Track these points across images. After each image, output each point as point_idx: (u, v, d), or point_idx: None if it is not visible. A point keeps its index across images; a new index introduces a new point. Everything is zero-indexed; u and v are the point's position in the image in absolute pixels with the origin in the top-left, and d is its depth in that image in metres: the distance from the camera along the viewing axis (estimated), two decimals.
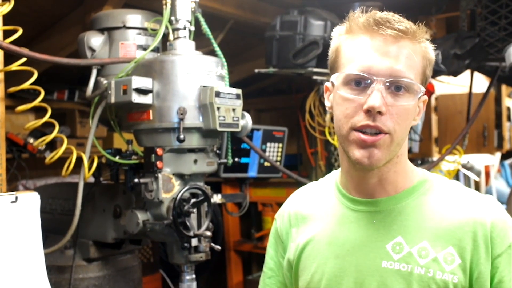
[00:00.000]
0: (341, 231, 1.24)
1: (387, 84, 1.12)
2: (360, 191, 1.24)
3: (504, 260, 1.12)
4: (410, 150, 3.73)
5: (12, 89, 1.77)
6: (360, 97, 1.13)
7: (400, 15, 1.17)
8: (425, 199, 1.21)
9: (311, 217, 1.32)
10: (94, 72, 2.03)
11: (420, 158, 4.06)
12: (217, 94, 1.87)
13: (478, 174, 5.78)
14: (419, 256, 1.15)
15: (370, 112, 1.11)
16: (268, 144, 3.29)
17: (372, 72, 1.12)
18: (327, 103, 1.25)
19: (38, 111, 3.25)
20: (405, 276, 1.14)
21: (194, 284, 1.98)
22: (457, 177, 5.07)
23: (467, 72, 3.07)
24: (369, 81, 1.12)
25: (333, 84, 1.21)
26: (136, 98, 1.84)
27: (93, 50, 2.06)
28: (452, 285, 1.12)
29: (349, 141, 1.15)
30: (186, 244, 1.88)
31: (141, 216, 1.92)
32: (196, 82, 1.89)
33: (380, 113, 1.11)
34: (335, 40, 1.22)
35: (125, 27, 2.05)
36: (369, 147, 1.13)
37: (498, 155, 5.60)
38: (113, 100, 1.89)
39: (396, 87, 1.13)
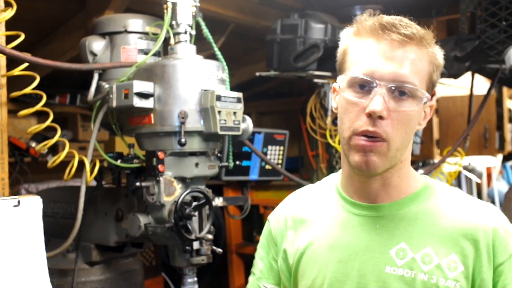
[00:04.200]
0: (343, 235, 1.23)
1: (392, 88, 1.11)
2: (362, 195, 1.23)
3: (506, 268, 1.12)
4: (411, 153, 3.73)
5: (15, 94, 1.78)
6: (363, 100, 1.12)
7: (410, 18, 1.17)
8: (428, 205, 1.21)
9: (310, 221, 1.31)
10: (96, 77, 2.04)
11: (422, 160, 4.06)
12: (218, 98, 1.88)
13: (479, 176, 5.78)
14: (422, 262, 1.14)
15: (372, 116, 1.11)
16: (270, 147, 3.30)
17: (376, 76, 1.11)
18: (333, 104, 1.24)
19: (40, 115, 3.26)
20: (408, 282, 1.14)
21: (196, 287, 1.99)
22: (458, 179, 5.07)
23: (468, 74, 3.08)
24: (373, 84, 1.12)
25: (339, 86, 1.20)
26: (138, 102, 1.85)
27: (94, 55, 2.07)
28: None
29: (350, 146, 1.15)
30: (187, 247, 1.89)
31: (143, 219, 1.93)
32: (197, 86, 1.90)
33: (381, 117, 1.10)
34: (343, 42, 1.21)
35: (126, 31, 2.06)
36: (367, 153, 1.13)
37: (499, 156, 5.59)
38: (114, 104, 1.90)
39: (400, 92, 1.12)
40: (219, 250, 1.96)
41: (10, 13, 1.65)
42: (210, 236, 1.92)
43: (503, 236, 1.14)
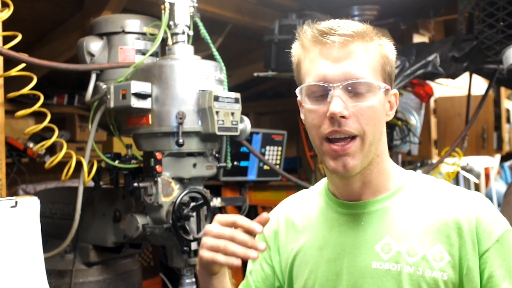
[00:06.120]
0: (332, 234, 1.25)
1: (349, 88, 1.14)
2: (346, 195, 1.26)
3: (492, 255, 1.13)
4: (409, 153, 3.74)
5: (12, 94, 1.78)
6: (322, 105, 1.16)
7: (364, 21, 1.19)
8: (411, 199, 1.22)
9: (302, 225, 1.33)
10: (93, 77, 2.04)
11: (420, 160, 4.07)
12: (216, 98, 1.88)
13: (477, 176, 5.78)
14: (407, 255, 1.16)
15: (334, 119, 1.13)
16: (268, 148, 3.29)
17: (328, 79, 1.15)
18: (302, 116, 1.28)
19: (38, 116, 3.25)
20: (395, 275, 1.15)
21: (194, 287, 1.99)
22: (456, 179, 5.07)
23: (466, 74, 3.08)
24: (328, 88, 1.15)
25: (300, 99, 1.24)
26: (135, 103, 1.85)
27: (92, 55, 2.07)
28: (442, 282, 1.12)
29: (323, 152, 1.18)
30: (185, 248, 1.89)
31: (141, 220, 1.93)
32: (195, 86, 1.90)
33: (344, 117, 1.13)
34: (294, 58, 1.26)
35: (124, 32, 2.06)
36: (341, 156, 1.15)
37: (497, 157, 5.61)
38: (112, 104, 1.90)
39: (356, 89, 1.15)
40: None
41: (7, 13, 1.65)
42: None
43: (487, 223, 1.14)
